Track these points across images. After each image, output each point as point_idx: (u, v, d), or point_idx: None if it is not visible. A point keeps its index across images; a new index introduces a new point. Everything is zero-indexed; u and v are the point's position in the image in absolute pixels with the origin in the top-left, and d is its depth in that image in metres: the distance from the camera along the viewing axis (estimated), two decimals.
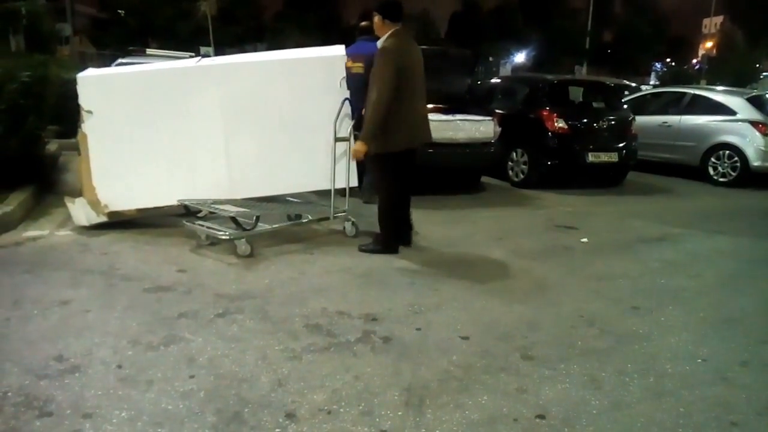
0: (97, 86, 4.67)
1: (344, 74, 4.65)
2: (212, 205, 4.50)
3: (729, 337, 3.28)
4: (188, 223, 4.49)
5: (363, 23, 6.33)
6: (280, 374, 2.57)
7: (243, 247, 4.22)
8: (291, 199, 5.00)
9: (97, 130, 4.59)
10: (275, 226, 4.62)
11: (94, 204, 4.65)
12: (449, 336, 3.06)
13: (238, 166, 4.64)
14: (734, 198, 8.15)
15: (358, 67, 5.86)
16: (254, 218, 4.39)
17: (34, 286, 3.51)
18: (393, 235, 4.47)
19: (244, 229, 4.36)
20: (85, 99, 4.58)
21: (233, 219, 4.37)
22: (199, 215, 4.77)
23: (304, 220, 4.89)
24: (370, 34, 6.05)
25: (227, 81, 4.66)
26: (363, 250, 4.45)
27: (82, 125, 4.60)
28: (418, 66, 4.33)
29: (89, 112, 4.56)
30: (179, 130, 4.61)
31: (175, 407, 2.29)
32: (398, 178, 4.38)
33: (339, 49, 4.84)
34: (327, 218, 4.78)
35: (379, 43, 4.29)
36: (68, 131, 6.65)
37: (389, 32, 4.24)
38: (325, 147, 4.59)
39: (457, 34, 49.67)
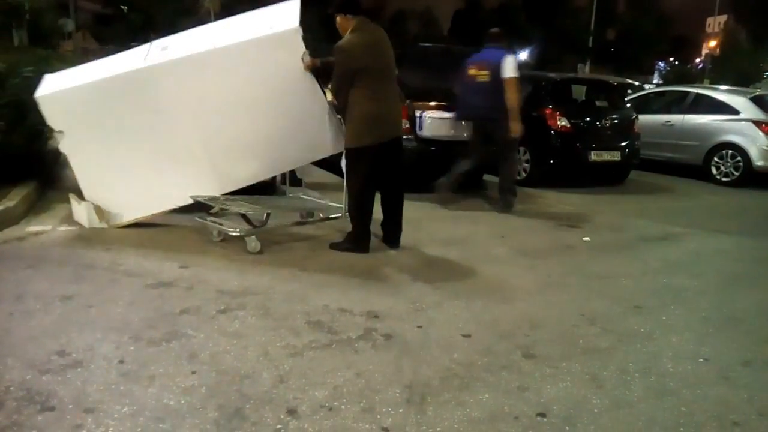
0: (56, 104, 4.42)
1: (302, 48, 4.27)
2: (224, 202, 4.50)
3: (731, 336, 3.27)
4: (200, 219, 4.49)
5: (493, 30, 6.53)
6: (282, 371, 2.58)
7: (253, 244, 4.21)
8: (303, 196, 4.99)
9: (74, 148, 4.48)
10: (286, 224, 4.61)
11: (98, 210, 4.62)
12: (451, 334, 3.06)
13: (221, 157, 4.49)
14: (737, 198, 8.13)
15: (484, 75, 6.06)
16: (265, 215, 4.38)
17: (37, 281, 3.51)
18: (362, 233, 4.36)
19: (255, 226, 4.35)
20: (51, 119, 4.42)
21: (243, 216, 4.36)
22: (211, 211, 4.75)
23: (315, 218, 4.88)
24: (499, 42, 6.32)
25: (182, 76, 4.39)
26: (333, 247, 4.40)
27: (59, 146, 4.49)
28: (382, 59, 4.21)
29: (61, 132, 4.44)
30: (154, 132, 4.43)
31: (177, 403, 2.29)
32: (371, 175, 4.26)
33: (291, 22, 4.33)
34: (338, 216, 4.76)
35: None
36: None
37: (350, 27, 4.16)
38: (308, 116, 4.41)
39: (459, 32, 49.57)
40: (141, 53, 4.56)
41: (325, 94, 4.43)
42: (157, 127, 4.44)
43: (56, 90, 4.51)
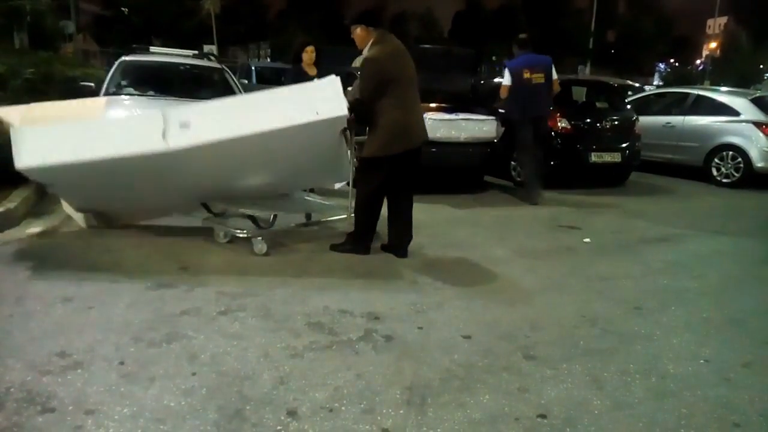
0: (47, 174, 3.89)
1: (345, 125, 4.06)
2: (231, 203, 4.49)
3: (732, 338, 3.27)
4: (206, 220, 4.49)
5: (522, 36, 7.00)
6: (282, 372, 2.58)
7: (260, 245, 4.21)
8: (307, 198, 4.99)
9: (65, 194, 4.33)
10: (292, 225, 4.61)
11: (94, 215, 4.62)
12: (451, 335, 3.06)
13: (234, 192, 4.46)
14: (737, 199, 8.13)
15: (540, 77, 6.61)
16: (272, 216, 4.38)
17: (37, 282, 3.52)
18: (364, 235, 4.35)
19: (261, 228, 4.35)
20: (37, 179, 4.08)
21: (250, 217, 4.36)
22: (217, 213, 4.74)
23: (319, 219, 4.88)
24: (529, 47, 6.86)
25: (214, 156, 3.92)
26: (334, 248, 4.39)
27: (47, 189, 4.26)
28: (407, 68, 4.21)
29: (50, 184, 4.15)
30: (163, 189, 4.22)
31: (177, 404, 2.29)
32: (384, 183, 4.22)
33: (337, 101, 3.91)
34: (343, 218, 4.74)
35: (365, 52, 4.17)
36: None
37: (372, 39, 4.14)
38: (329, 163, 4.40)
39: (460, 33, 49.64)
40: (153, 123, 3.80)
41: (347, 141, 4.25)
42: (168, 186, 4.19)
43: (49, 164, 3.74)
